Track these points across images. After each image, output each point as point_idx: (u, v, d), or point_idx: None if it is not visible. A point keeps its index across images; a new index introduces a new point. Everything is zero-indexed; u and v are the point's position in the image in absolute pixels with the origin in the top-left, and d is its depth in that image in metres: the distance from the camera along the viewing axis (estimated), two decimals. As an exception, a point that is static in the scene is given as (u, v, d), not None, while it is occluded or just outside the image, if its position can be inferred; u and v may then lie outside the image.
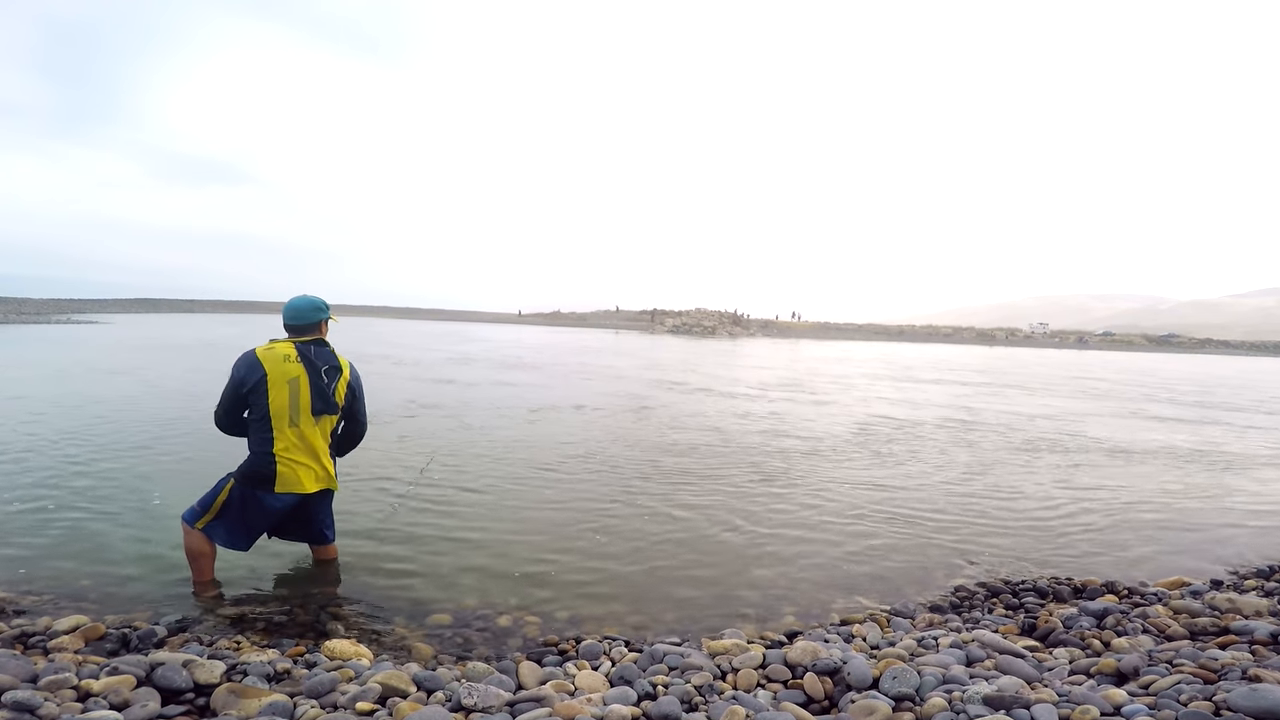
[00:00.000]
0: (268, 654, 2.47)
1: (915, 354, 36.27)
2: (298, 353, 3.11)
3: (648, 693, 2.28)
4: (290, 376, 3.06)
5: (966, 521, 5.07)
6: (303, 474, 3.12)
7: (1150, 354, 56.99)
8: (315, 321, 3.22)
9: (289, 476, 3.09)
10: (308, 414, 3.10)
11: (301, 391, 3.08)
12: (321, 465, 3.20)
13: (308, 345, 3.16)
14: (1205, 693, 2.10)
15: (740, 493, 5.62)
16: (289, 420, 3.06)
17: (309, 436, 3.13)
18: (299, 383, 3.07)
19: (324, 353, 3.19)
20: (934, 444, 8.47)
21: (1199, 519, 5.46)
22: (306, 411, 3.10)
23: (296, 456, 3.10)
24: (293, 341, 3.16)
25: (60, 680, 2.03)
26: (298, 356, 3.11)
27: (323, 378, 3.14)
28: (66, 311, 36.59)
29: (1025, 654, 2.67)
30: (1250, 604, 3.13)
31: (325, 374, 3.15)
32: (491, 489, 5.37)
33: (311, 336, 3.21)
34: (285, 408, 3.05)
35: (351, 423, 3.40)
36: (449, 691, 2.19)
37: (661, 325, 56.40)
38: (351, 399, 3.31)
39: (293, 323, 3.20)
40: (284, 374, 3.05)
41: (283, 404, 3.04)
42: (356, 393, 3.35)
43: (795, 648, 2.55)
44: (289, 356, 3.09)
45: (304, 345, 3.15)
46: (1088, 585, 3.74)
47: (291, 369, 3.07)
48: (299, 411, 3.08)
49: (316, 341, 3.20)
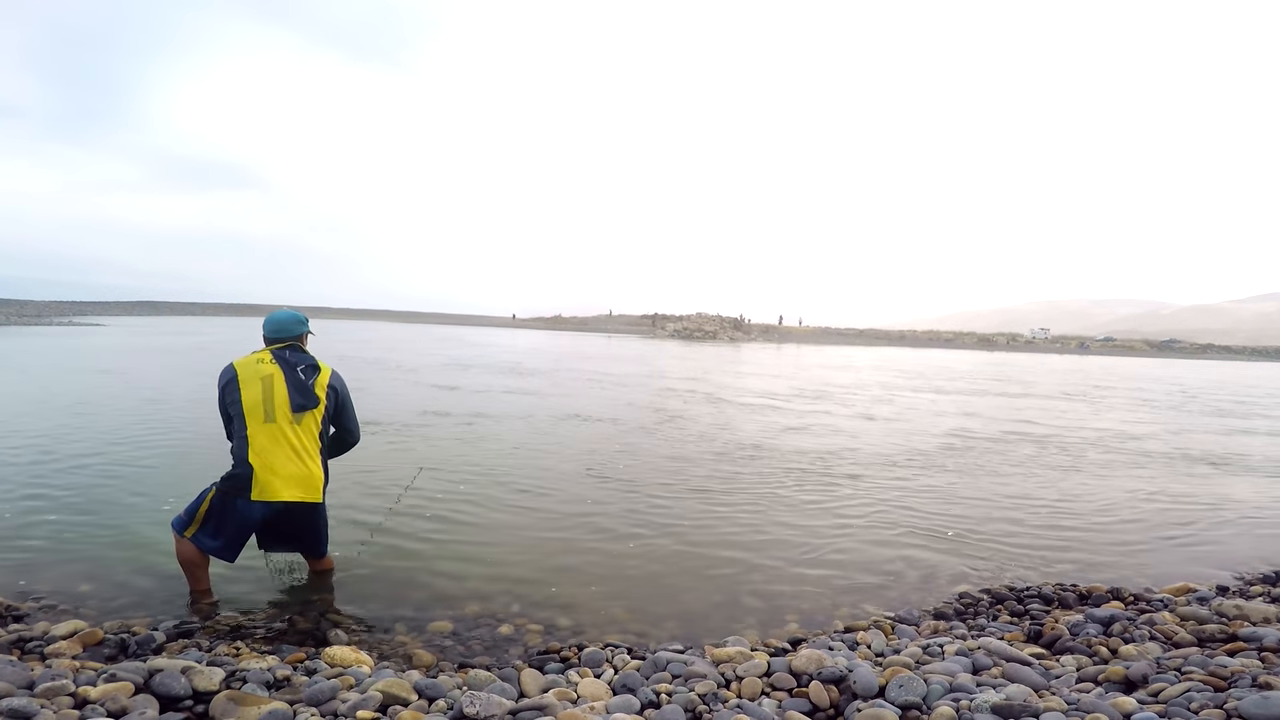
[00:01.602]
0: (267, 661, 2.44)
1: (920, 359, 36.18)
2: (272, 356, 3.19)
3: (651, 701, 2.25)
4: (263, 375, 3.10)
5: (970, 527, 5.05)
6: (282, 479, 3.03)
7: (1152, 359, 56.93)
8: (296, 334, 3.31)
9: (265, 482, 3.00)
10: (285, 409, 3.08)
11: (276, 387, 3.09)
12: (305, 468, 3.10)
13: (283, 350, 3.23)
14: (1216, 700, 2.08)
15: (741, 498, 5.60)
16: (264, 415, 3.04)
17: (289, 435, 3.08)
18: (272, 379, 3.10)
19: (300, 355, 3.26)
20: (957, 454, 8.45)
21: (1201, 522, 5.43)
22: (284, 408, 3.08)
23: (274, 458, 3.03)
24: (269, 349, 3.25)
25: (57, 687, 2.00)
26: (272, 359, 3.17)
27: (299, 374, 3.17)
28: (68, 314, 36.60)
29: (1032, 661, 2.64)
30: (1258, 610, 3.11)
31: (302, 371, 3.19)
32: (494, 497, 5.35)
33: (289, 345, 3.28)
34: (258, 402, 3.05)
35: (341, 429, 3.41)
36: (450, 699, 2.16)
37: (662, 330, 56.44)
38: (335, 400, 3.31)
39: (273, 335, 3.28)
40: (256, 373, 3.10)
41: (255, 399, 3.05)
42: (340, 394, 3.35)
43: (800, 655, 2.53)
44: (262, 360, 3.17)
45: (279, 350, 3.23)
46: (1093, 591, 3.72)
47: (264, 369, 3.13)
48: (274, 407, 3.06)
49: (292, 348, 3.27)
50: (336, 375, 3.36)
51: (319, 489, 3.19)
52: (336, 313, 61.73)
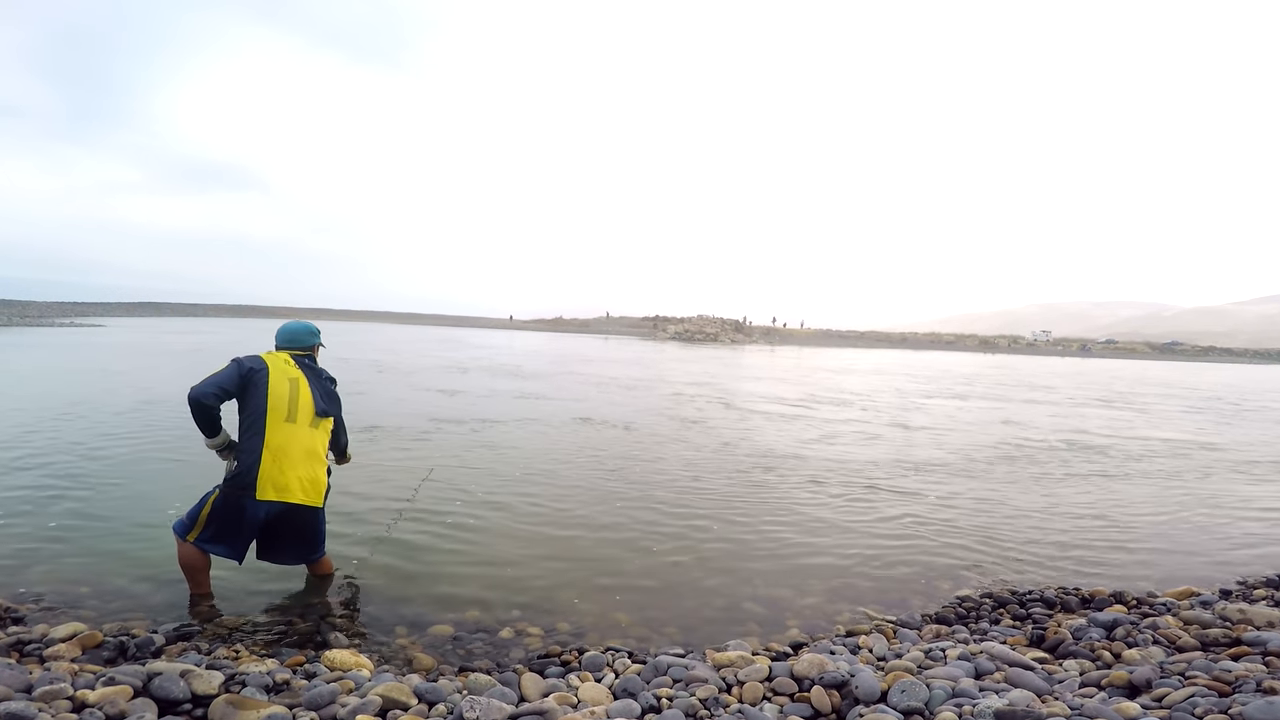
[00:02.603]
0: (267, 664, 2.44)
1: (924, 362, 35.93)
2: (295, 362, 3.32)
3: (652, 705, 2.24)
4: (291, 376, 3.24)
5: (972, 532, 5.03)
6: (289, 479, 3.06)
7: (1154, 362, 56.75)
8: (309, 345, 3.46)
9: (273, 479, 3.02)
10: (309, 413, 3.20)
11: (301, 391, 3.21)
12: (314, 472, 3.17)
13: (303, 358, 3.39)
14: (1220, 706, 2.07)
15: (742, 504, 5.59)
16: (286, 414, 3.12)
17: (305, 437, 3.16)
18: (299, 383, 3.24)
19: (317, 367, 3.45)
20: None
21: (1203, 527, 5.41)
22: (308, 411, 3.20)
23: (287, 457, 3.07)
24: (289, 354, 3.38)
25: (55, 690, 2.00)
26: (296, 364, 3.31)
27: (324, 383, 3.38)
28: (70, 315, 36.59)
29: (1035, 666, 2.63)
30: (1262, 614, 3.09)
31: (325, 380, 3.41)
32: (495, 502, 5.34)
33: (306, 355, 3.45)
34: (284, 401, 3.13)
35: (339, 438, 3.62)
36: (450, 704, 2.15)
37: (664, 332, 56.41)
38: (339, 408, 3.50)
39: (287, 345, 3.42)
40: (284, 373, 3.22)
41: (281, 397, 3.13)
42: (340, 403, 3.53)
43: (801, 660, 2.52)
44: (288, 361, 3.29)
45: (299, 357, 3.38)
46: (1095, 595, 3.70)
47: (291, 371, 3.25)
48: (298, 409, 3.16)
49: (309, 357, 3.43)
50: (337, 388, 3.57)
51: (321, 494, 3.25)
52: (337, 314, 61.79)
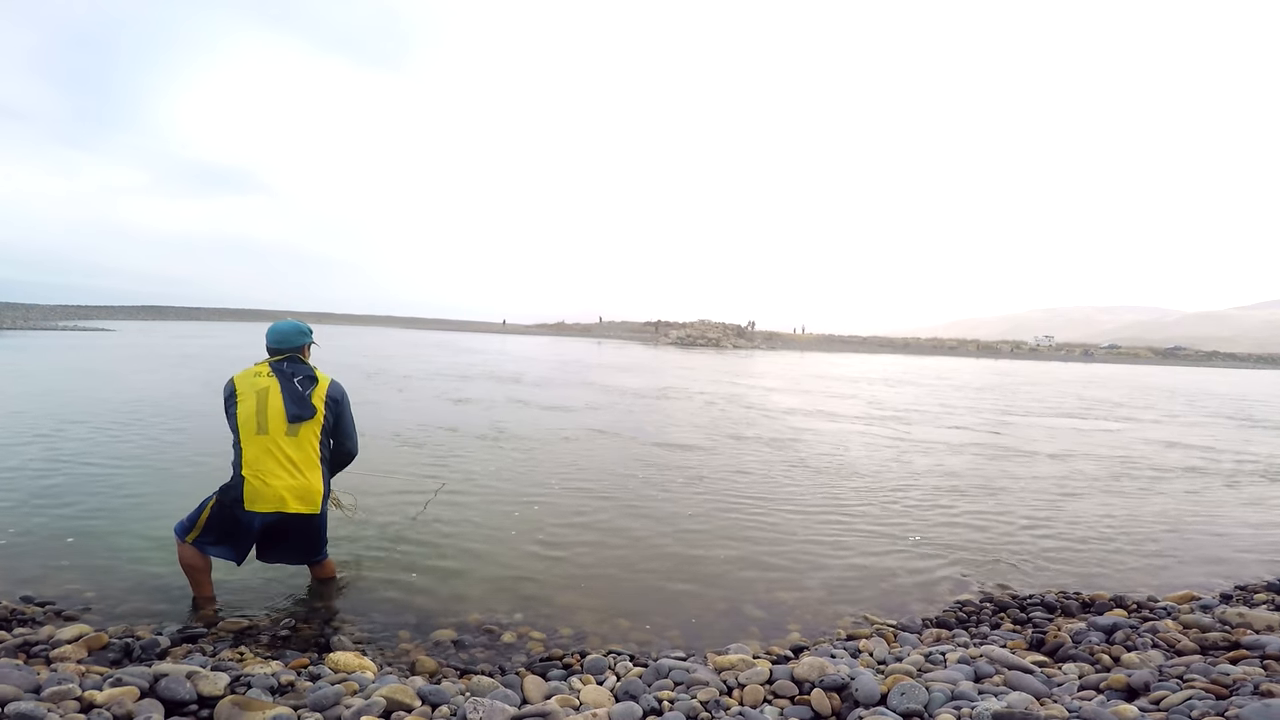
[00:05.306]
0: (271, 666, 2.46)
1: (929, 368, 35.72)
2: (270, 369, 3.20)
3: (653, 708, 2.26)
4: (259, 388, 3.11)
5: (973, 538, 5.04)
6: (274, 491, 3.01)
7: (1158, 367, 56.54)
8: (298, 345, 3.32)
9: (258, 490, 2.99)
10: (280, 421, 3.07)
11: (271, 399, 3.09)
12: (301, 480, 3.08)
13: (281, 362, 3.24)
14: (1217, 709, 2.08)
15: (743, 508, 5.60)
16: (256, 427, 3.04)
17: (284, 446, 3.06)
18: (268, 392, 3.10)
19: (298, 366, 3.26)
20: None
21: (1204, 531, 5.41)
22: (279, 418, 3.07)
23: (267, 469, 3.02)
24: (268, 361, 3.25)
25: (63, 691, 2.02)
26: (269, 371, 3.19)
27: (296, 385, 3.17)
28: (74, 318, 36.71)
29: (1034, 669, 2.64)
30: (1261, 618, 3.10)
31: (299, 382, 3.18)
32: (497, 507, 5.36)
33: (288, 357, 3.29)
34: (252, 415, 3.06)
35: (336, 441, 3.36)
36: (454, 706, 2.17)
37: (665, 337, 56.39)
38: (336, 410, 3.29)
39: (275, 345, 3.29)
40: (252, 386, 3.12)
41: (249, 412, 3.06)
42: (341, 405, 3.33)
43: (802, 663, 2.53)
44: (260, 373, 3.18)
45: (278, 362, 3.23)
46: (1096, 599, 3.71)
47: (261, 382, 3.14)
48: (268, 419, 3.06)
49: (291, 359, 3.27)
50: (336, 385, 3.33)
51: (317, 500, 3.14)
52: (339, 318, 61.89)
